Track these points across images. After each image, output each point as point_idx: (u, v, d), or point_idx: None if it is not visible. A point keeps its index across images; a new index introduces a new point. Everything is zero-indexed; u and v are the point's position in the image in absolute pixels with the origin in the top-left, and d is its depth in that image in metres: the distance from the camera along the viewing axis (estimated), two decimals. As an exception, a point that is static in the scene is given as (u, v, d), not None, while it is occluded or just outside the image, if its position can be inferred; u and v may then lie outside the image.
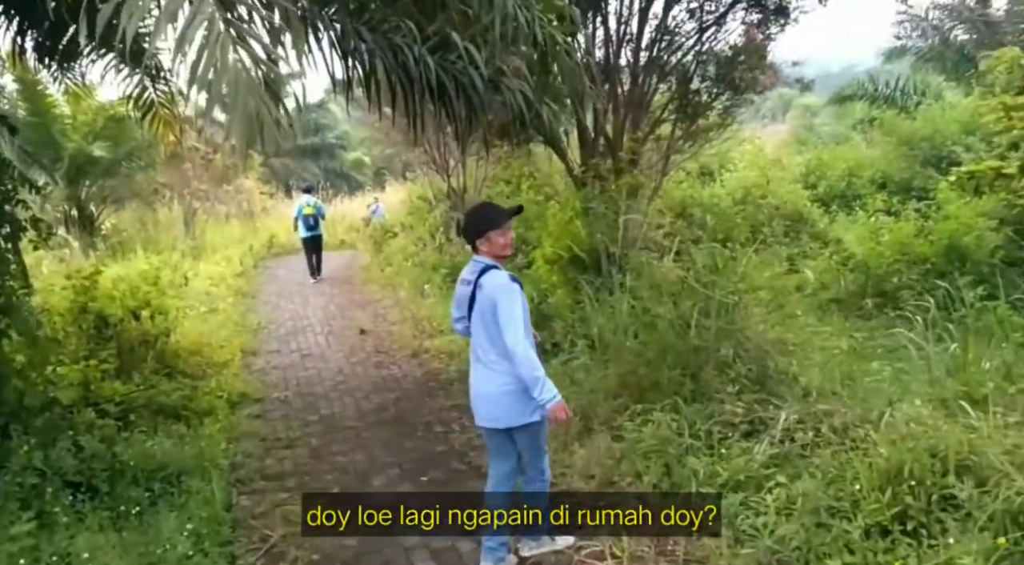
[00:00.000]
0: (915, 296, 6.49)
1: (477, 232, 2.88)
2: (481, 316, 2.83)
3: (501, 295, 2.76)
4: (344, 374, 6.76)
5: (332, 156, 31.60)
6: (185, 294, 9.73)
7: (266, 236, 16.04)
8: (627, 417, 3.85)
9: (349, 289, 11.13)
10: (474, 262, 2.93)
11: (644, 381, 3.98)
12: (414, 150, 12.51)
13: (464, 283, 2.94)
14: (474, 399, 2.98)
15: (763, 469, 2.95)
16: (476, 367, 2.94)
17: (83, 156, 14.30)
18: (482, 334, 2.87)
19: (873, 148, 11.89)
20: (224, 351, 7.36)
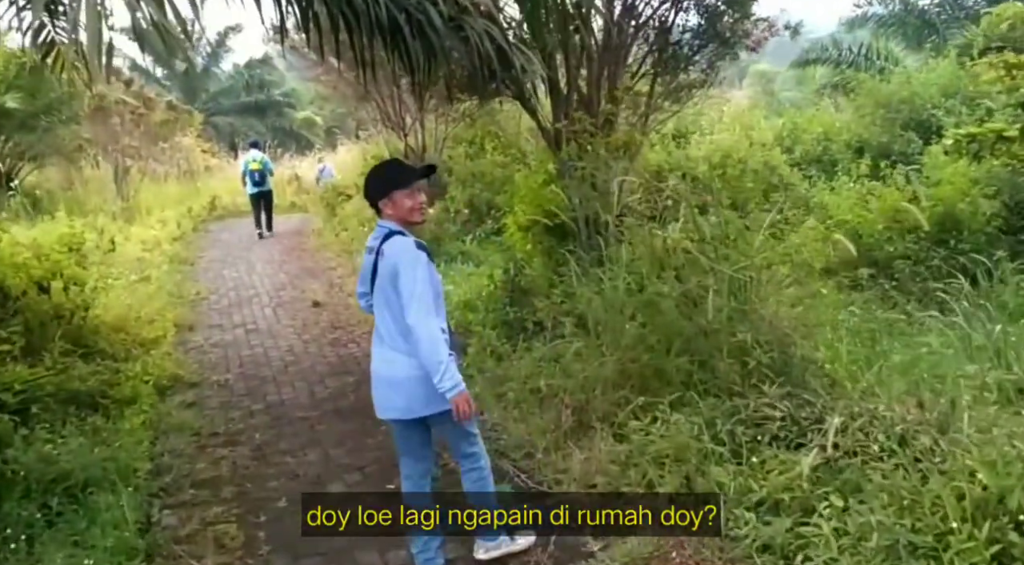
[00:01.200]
0: (911, 266, 6.12)
1: (380, 192, 2.52)
2: (382, 289, 2.49)
3: (404, 263, 2.41)
4: (295, 353, 6.03)
5: (280, 114, 30.00)
6: (112, 261, 8.76)
7: (208, 197, 14.86)
8: (629, 413, 3.28)
9: (300, 255, 10.27)
10: (378, 227, 2.56)
11: (647, 370, 3.42)
12: (366, 106, 11.57)
13: (368, 251, 2.58)
14: (376, 387, 2.58)
15: (810, 485, 2.43)
16: (378, 349, 2.56)
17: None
18: (384, 310, 2.51)
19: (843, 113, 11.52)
20: (155, 326, 6.51)
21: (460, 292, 6.56)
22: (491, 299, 5.96)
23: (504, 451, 3.65)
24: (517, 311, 5.33)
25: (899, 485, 2.22)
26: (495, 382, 4.47)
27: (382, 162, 2.84)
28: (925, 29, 14.72)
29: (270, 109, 29.50)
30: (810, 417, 2.79)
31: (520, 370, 4.30)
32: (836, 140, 9.68)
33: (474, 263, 8.55)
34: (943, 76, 9.83)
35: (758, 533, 2.38)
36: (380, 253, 2.49)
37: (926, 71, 10.39)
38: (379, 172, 2.64)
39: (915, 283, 6.29)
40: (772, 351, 3.19)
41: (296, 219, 13.73)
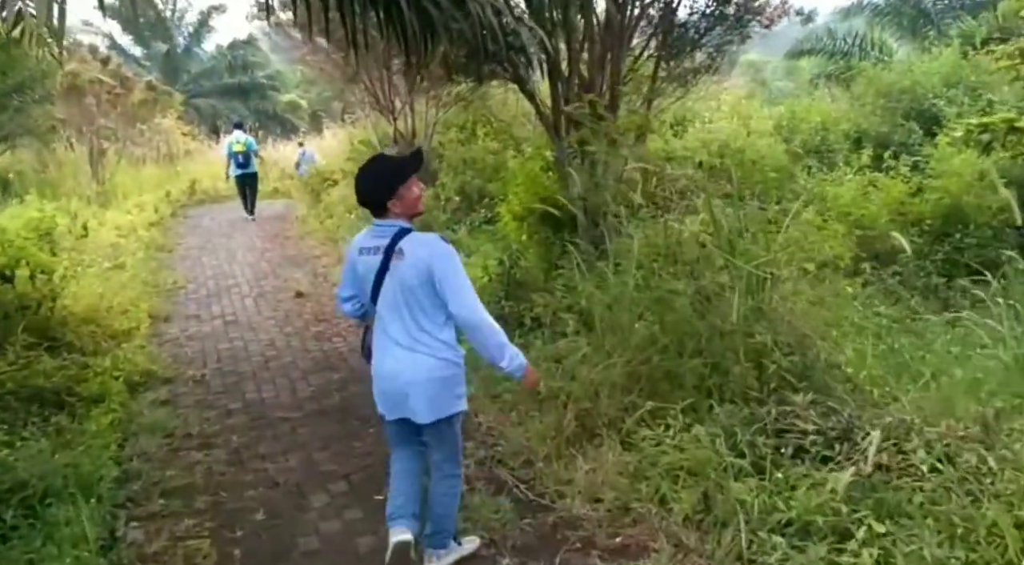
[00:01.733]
0: (914, 260, 5.93)
1: (388, 191, 2.40)
2: (403, 289, 2.39)
3: (444, 260, 2.38)
4: (276, 348, 5.72)
5: (263, 97, 29.30)
6: (85, 247, 8.38)
7: (187, 181, 14.40)
8: (638, 419, 3.04)
9: (283, 243, 9.92)
10: (381, 227, 2.44)
11: (657, 373, 3.17)
12: (354, 89, 11.19)
13: (369, 252, 2.45)
14: (390, 391, 2.50)
15: (845, 506, 2.20)
16: (393, 351, 2.45)
17: (-39, 84, 12.27)
18: (403, 311, 2.41)
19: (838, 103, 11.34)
20: (127, 317, 6.17)
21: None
22: (484, 292, 5.68)
23: (501, 458, 3.39)
24: (513, 305, 5.06)
25: (948, 510, 1.99)
26: (490, 381, 4.21)
27: (372, 161, 2.58)
28: (920, 19, 14.60)
29: (254, 92, 28.83)
30: (837, 427, 2.56)
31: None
32: (834, 130, 9.48)
33: (465, 253, 8.27)
34: (945, 65, 9.65)
35: (788, 560, 2.15)
36: (399, 252, 2.38)
37: (929, 60, 10.19)
38: (379, 170, 2.48)
39: (919, 278, 6.12)
40: (792, 354, 2.96)
41: (279, 205, 13.34)
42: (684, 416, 2.92)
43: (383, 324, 2.47)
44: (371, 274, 2.44)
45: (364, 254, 2.47)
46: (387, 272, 2.41)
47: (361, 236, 2.55)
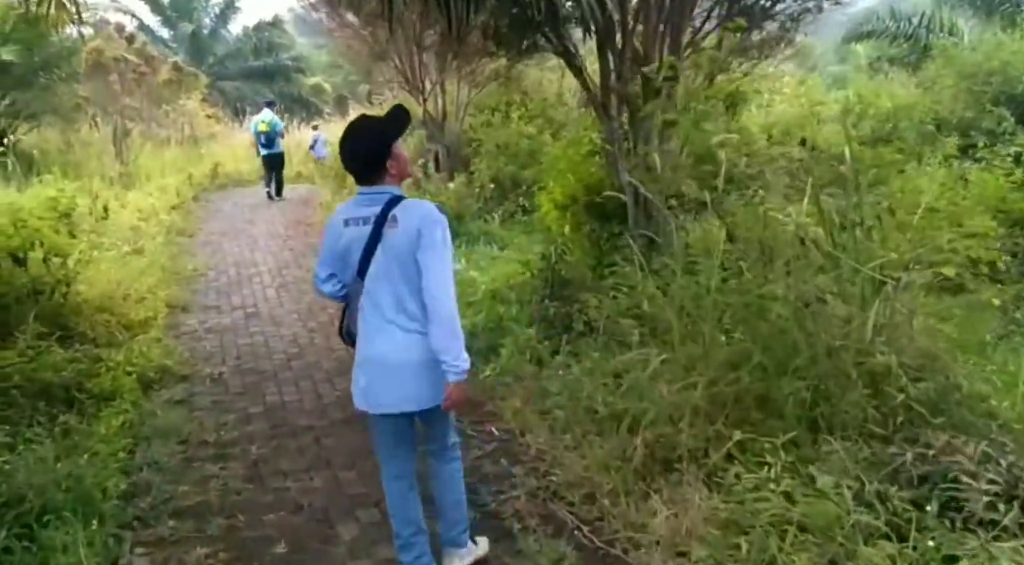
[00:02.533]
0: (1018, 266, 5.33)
1: (385, 150, 2.20)
2: (398, 261, 2.16)
3: (434, 228, 2.15)
4: (299, 344, 5.32)
5: (288, 79, 29.02)
6: (104, 230, 8.05)
7: (210, 164, 14.08)
8: (726, 453, 2.56)
9: (307, 230, 9.53)
10: (370, 195, 2.22)
11: (747, 396, 2.68)
12: (382, 68, 10.72)
13: (356, 223, 2.21)
14: (382, 376, 2.22)
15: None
16: (385, 330, 2.19)
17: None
18: (398, 285, 2.17)
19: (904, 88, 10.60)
20: (144, 306, 5.82)
21: (487, 279, 5.82)
22: (525, 289, 5.23)
23: (557, 490, 2.94)
24: (559, 306, 4.59)
25: None
26: (537, 394, 3.76)
27: (360, 120, 2.32)
28: (1000, -5, 13.61)
29: (278, 74, 28.56)
30: (998, 480, 2.06)
31: (569, 382, 3.57)
32: (907, 116, 8.77)
33: (498, 245, 7.81)
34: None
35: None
36: (391, 220, 2.16)
37: (1021, 38, 9.33)
38: (373, 129, 2.26)
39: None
40: (922, 379, 2.45)
41: (303, 190, 12.97)
42: (785, 452, 2.42)
43: (372, 301, 2.21)
44: (358, 247, 2.21)
45: (351, 225, 2.23)
46: (378, 243, 2.18)
47: (344, 207, 2.31)
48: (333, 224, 2.30)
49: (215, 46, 29.29)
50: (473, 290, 5.68)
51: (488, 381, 4.19)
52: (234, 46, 29.78)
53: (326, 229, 2.33)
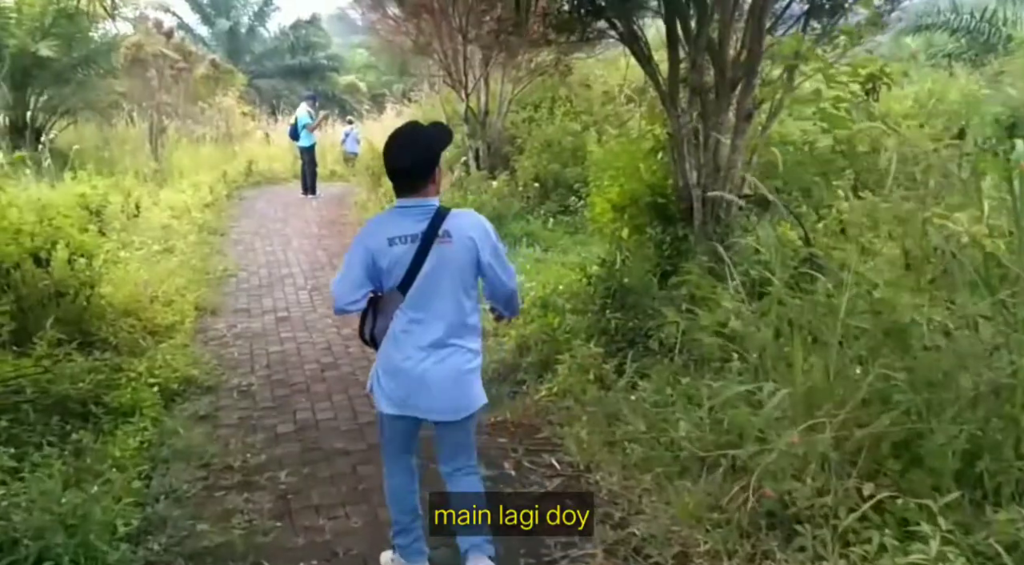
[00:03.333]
0: None
1: (435, 159, 2.20)
2: (454, 274, 2.16)
3: (490, 234, 2.22)
4: (333, 353, 4.92)
5: (323, 78, 28.97)
6: (136, 228, 7.82)
7: (245, 162, 13.88)
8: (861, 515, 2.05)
9: (341, 230, 9.18)
10: (413, 208, 2.17)
11: (886, 445, 2.17)
12: (423, 62, 10.34)
13: (403, 241, 2.15)
14: (415, 388, 2.22)
15: None
16: (433, 344, 2.20)
17: (28, 56, 11.96)
18: (448, 299, 2.18)
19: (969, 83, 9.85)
20: (172, 309, 5.49)
21: (534, 285, 5.35)
22: (580, 298, 4.75)
23: (639, 546, 2.45)
24: (621, 319, 4.10)
25: None
26: (603, 420, 3.28)
27: (410, 128, 2.27)
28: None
29: (314, 73, 28.54)
30: None
31: (646, 411, 3.09)
32: (979, 114, 8.09)
33: (542, 247, 7.35)
34: None
35: None
36: (445, 235, 2.14)
37: None
38: (425, 137, 2.20)
39: None
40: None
41: (337, 188, 12.67)
42: (943, 518, 1.90)
43: (413, 314, 2.19)
44: (404, 263, 2.14)
45: (397, 244, 2.15)
46: (425, 259, 2.13)
47: (384, 223, 2.23)
48: (371, 243, 2.18)
49: (252, 44, 29.42)
50: (521, 297, 5.22)
51: (543, 402, 3.73)
52: (271, 44, 29.88)
53: (361, 247, 2.19)
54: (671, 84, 4.97)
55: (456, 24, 8.52)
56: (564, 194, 9.11)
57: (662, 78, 5.04)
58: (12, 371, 3.88)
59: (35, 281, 4.67)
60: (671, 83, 4.97)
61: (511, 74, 9.49)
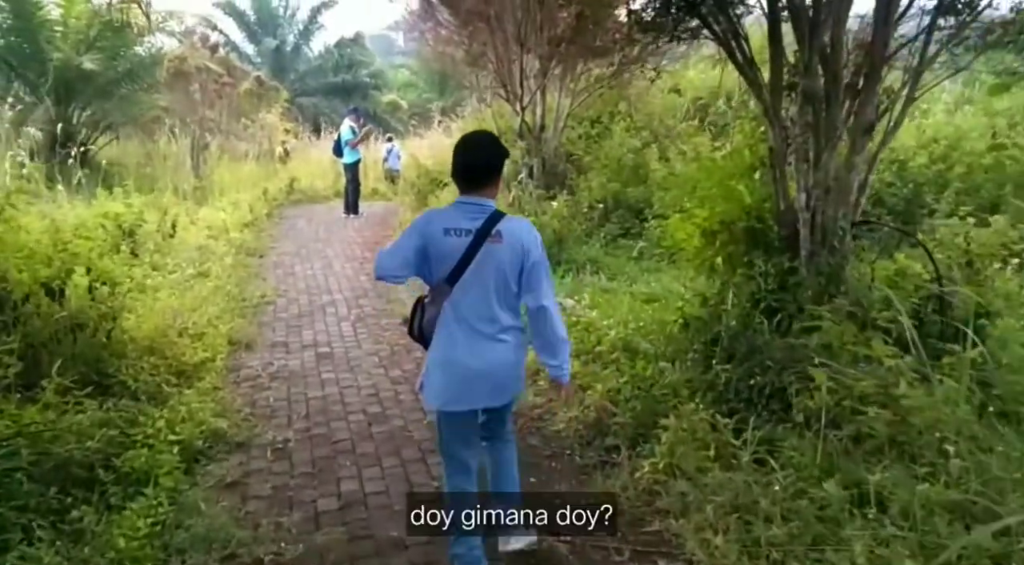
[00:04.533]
0: None
1: (500, 164, 2.36)
2: (499, 273, 2.26)
3: (540, 247, 2.33)
4: (381, 401, 4.26)
5: (365, 96, 28.88)
6: (170, 249, 7.35)
7: (286, 179, 13.51)
8: None
9: (385, 251, 8.60)
10: (472, 206, 2.28)
11: None
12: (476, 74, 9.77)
13: (457, 234, 2.25)
14: (463, 379, 2.31)
15: None
16: (475, 336, 2.29)
17: (72, 70, 11.81)
18: (492, 294, 2.28)
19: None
20: (203, 344, 4.91)
21: (612, 323, 4.62)
22: (671, 341, 4.00)
23: None
24: (730, 372, 3.33)
25: None
26: (725, 509, 2.52)
27: (479, 133, 2.48)
28: None
29: (356, 90, 28.49)
30: None
31: (789, 504, 2.33)
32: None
33: (606, 275, 6.62)
34: None
35: None
36: (497, 235, 2.25)
37: None
38: (493, 143, 2.37)
39: None
40: None
41: (380, 207, 12.16)
42: None
43: (459, 308, 2.30)
44: (455, 256, 2.26)
45: (451, 235, 2.27)
46: (475, 255, 2.25)
47: (442, 214, 2.35)
48: (427, 229, 2.29)
49: (297, 62, 29.57)
50: (596, 337, 4.50)
51: (646, 480, 2.98)
52: (315, 63, 30.01)
53: (415, 229, 2.31)
54: (774, 91, 4.25)
55: (513, 32, 7.92)
56: (625, 216, 8.40)
57: (763, 84, 4.33)
58: (10, 427, 3.29)
59: (49, 314, 4.13)
60: (774, 90, 4.25)
61: (568, 87, 8.85)
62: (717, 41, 4.47)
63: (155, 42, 13.50)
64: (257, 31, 28.70)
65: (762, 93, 4.31)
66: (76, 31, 12.27)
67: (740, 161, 4.64)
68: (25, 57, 12.42)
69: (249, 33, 28.72)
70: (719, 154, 5.80)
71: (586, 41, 7.35)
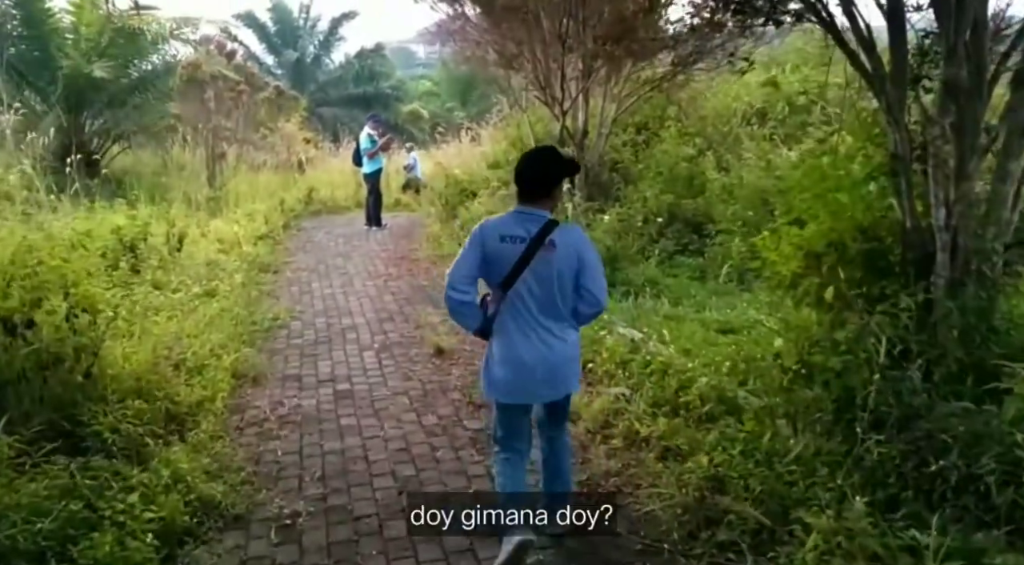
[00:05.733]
0: None
1: (559, 177, 2.53)
2: (556, 278, 2.45)
3: (592, 251, 2.54)
4: (414, 459, 3.45)
5: (386, 106, 28.39)
6: (175, 265, 6.65)
7: (304, 189, 12.85)
8: None
9: (411, 268, 7.85)
10: (529, 215, 2.45)
11: None
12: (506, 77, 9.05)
13: (513, 241, 2.43)
14: (528, 377, 2.50)
15: None
16: (534, 337, 2.49)
17: (82, 77, 11.28)
18: (549, 298, 2.47)
19: None
20: (203, 379, 4.16)
21: (697, 365, 3.79)
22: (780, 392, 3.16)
23: None
24: (894, 448, 2.48)
25: None
26: None
27: (543, 148, 2.87)
28: None
29: (376, 101, 27.99)
30: None
31: None
32: None
33: (668, 299, 5.79)
34: None
35: None
36: (550, 244, 2.41)
37: None
38: (556, 156, 2.57)
39: None
40: None
41: (403, 219, 11.44)
42: None
43: (516, 310, 2.48)
44: (509, 262, 2.43)
45: (507, 242, 2.43)
46: (530, 261, 2.41)
47: (498, 222, 2.50)
48: (485, 236, 2.46)
49: (317, 73, 29.23)
50: (676, 382, 3.68)
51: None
52: (335, 73, 29.66)
53: (474, 239, 2.48)
54: (896, 84, 3.44)
55: (553, 29, 7.18)
56: (681, 230, 7.58)
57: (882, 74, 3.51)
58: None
59: (15, 350, 3.41)
60: (895, 82, 3.44)
61: (613, 90, 8.08)
62: (823, 25, 3.67)
63: (169, 50, 13.00)
64: (277, 43, 28.41)
65: (884, 87, 3.49)
66: (87, 38, 11.77)
67: (849, 169, 3.81)
68: (36, 65, 11.95)
69: (269, 44, 28.45)
70: (809, 161, 4.89)
71: (637, 37, 6.56)
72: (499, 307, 2.48)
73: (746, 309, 5.47)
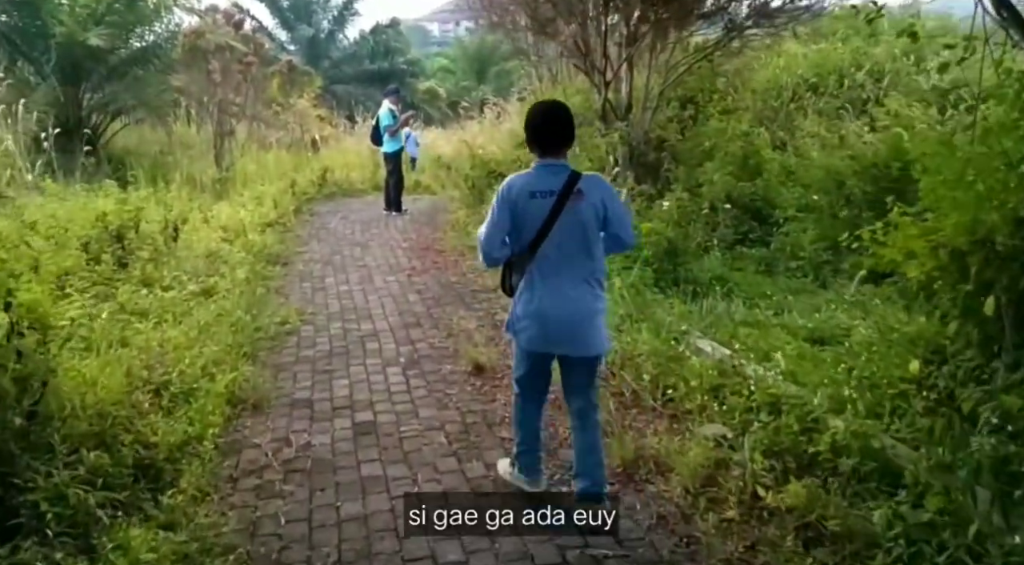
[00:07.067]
0: None
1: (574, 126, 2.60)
2: (585, 227, 2.49)
3: (616, 196, 2.62)
4: (461, 533, 2.60)
5: (402, 83, 27.36)
6: (171, 257, 5.84)
7: (318, 170, 11.97)
8: None
9: (436, 260, 6.97)
10: (553, 167, 2.50)
11: None
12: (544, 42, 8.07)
13: (542, 196, 2.47)
14: (559, 329, 2.54)
15: None
16: (565, 290, 2.52)
17: (78, 46, 10.41)
18: (580, 249, 2.50)
19: None
20: (189, 411, 3.33)
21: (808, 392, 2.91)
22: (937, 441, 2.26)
23: None
24: None
25: None
26: None
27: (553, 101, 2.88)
28: None
29: (392, 78, 26.94)
30: None
31: None
32: None
33: (743, 300, 4.88)
34: None
35: None
36: (577, 193, 2.45)
37: None
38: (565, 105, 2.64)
39: None
40: None
41: (425, 203, 10.55)
42: None
43: (550, 264, 2.50)
44: (541, 216, 2.46)
45: (537, 197, 2.46)
46: (560, 213, 2.43)
47: (525, 179, 2.52)
48: (514, 194, 2.48)
49: (331, 49, 28.25)
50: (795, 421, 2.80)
51: None
52: (350, 50, 28.67)
53: (504, 200, 2.49)
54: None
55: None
56: (740, 217, 6.64)
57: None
58: None
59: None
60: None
61: (658, 60, 7.09)
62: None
63: (173, 19, 12.09)
64: (290, 17, 27.42)
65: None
66: (83, 4, 10.88)
67: (1000, 146, 2.85)
68: (29, 34, 11.09)
69: (282, 19, 27.47)
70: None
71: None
72: (525, 264, 2.51)
73: (833, 312, 4.62)
